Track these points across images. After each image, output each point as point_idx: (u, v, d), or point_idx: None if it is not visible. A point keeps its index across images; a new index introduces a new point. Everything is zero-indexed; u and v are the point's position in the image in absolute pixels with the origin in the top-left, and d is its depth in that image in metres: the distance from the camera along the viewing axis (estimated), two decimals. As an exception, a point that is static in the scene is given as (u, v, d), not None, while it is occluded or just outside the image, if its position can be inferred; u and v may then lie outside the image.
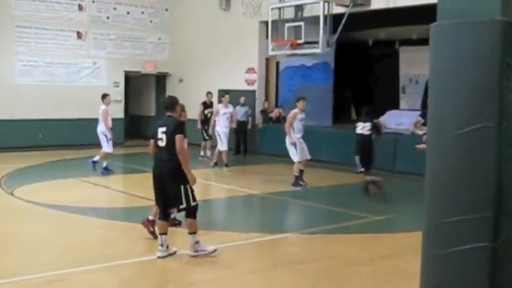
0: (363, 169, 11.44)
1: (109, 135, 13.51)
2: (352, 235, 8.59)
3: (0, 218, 9.32)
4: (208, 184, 13.06)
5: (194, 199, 6.93)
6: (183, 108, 8.07)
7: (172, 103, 7.19)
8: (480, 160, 3.76)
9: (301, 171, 12.49)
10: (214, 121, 14.94)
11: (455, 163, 3.86)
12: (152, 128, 7.20)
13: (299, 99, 12.37)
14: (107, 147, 13.55)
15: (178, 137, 6.80)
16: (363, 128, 11.36)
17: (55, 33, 18.95)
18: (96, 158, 13.68)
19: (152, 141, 7.11)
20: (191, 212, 6.96)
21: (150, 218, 7.77)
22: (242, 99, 17.52)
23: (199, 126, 16.03)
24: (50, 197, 10.84)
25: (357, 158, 11.42)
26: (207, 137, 16.13)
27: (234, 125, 15.66)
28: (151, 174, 7.12)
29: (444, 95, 3.92)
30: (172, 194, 6.85)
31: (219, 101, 15.33)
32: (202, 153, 16.28)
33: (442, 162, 3.94)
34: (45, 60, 18.80)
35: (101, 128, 13.56)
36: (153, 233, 7.66)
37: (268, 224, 9.50)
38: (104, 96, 13.70)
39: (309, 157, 12.47)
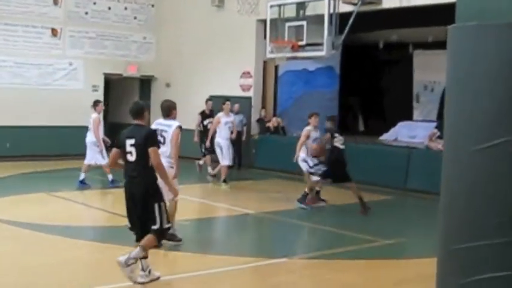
0: (319, 178, 11.88)
1: (100, 146, 13.56)
2: (356, 261, 8.55)
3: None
4: (200, 202, 13.05)
5: (168, 221, 6.89)
6: (174, 107, 8.00)
7: (139, 109, 7.00)
8: (501, 178, 3.76)
9: (317, 192, 12.59)
10: (214, 132, 14.73)
11: (473, 181, 3.86)
12: (118, 138, 6.93)
13: (311, 115, 12.50)
14: (101, 159, 13.56)
15: (152, 150, 6.66)
16: (338, 140, 11.71)
17: (26, 30, 18.96)
18: (111, 177, 13.65)
19: (114, 151, 6.95)
20: (161, 235, 6.90)
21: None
22: (236, 107, 17.49)
23: (196, 138, 15.92)
24: (16, 213, 10.79)
25: (322, 167, 11.65)
26: (206, 152, 15.80)
27: (234, 136, 15.47)
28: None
29: (462, 105, 3.93)
30: (145, 214, 6.73)
31: (220, 109, 15.22)
32: (201, 162, 16.19)
33: (460, 180, 3.94)
34: (14, 60, 18.80)
35: (91, 138, 13.62)
36: None
37: (263, 248, 9.51)
38: (96, 103, 13.84)
39: None
